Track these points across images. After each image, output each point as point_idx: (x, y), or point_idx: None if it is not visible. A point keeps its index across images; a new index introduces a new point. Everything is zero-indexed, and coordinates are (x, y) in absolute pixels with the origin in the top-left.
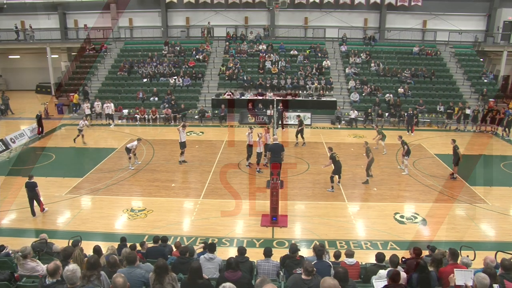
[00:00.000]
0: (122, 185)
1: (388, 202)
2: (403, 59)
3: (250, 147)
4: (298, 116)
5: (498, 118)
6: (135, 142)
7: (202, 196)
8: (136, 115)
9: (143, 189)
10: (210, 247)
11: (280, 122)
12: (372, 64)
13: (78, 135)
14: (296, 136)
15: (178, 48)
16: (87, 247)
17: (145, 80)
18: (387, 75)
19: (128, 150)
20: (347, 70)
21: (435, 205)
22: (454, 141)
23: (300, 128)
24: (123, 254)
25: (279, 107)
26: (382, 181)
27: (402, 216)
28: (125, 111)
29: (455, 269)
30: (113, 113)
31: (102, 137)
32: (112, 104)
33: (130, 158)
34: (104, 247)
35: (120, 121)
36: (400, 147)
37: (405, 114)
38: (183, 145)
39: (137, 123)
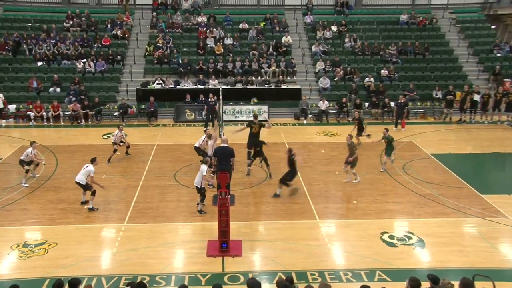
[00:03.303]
0: (9, 210)
1: (373, 218)
2: (387, 31)
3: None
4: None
5: None
6: (30, 149)
7: (127, 219)
8: (29, 112)
9: (42, 214)
10: None
11: (211, 117)
12: (347, 39)
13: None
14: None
15: (86, 20)
16: None
17: (40, 63)
18: (366, 53)
19: (23, 162)
20: (313, 48)
21: (435, 221)
22: (290, 150)
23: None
24: None
25: (209, 99)
26: (363, 191)
27: (391, 237)
28: (12, 107)
29: None
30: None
31: None
32: (1, 95)
33: (27, 171)
34: None
35: (4, 120)
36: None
37: (395, 104)
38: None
39: (31, 123)
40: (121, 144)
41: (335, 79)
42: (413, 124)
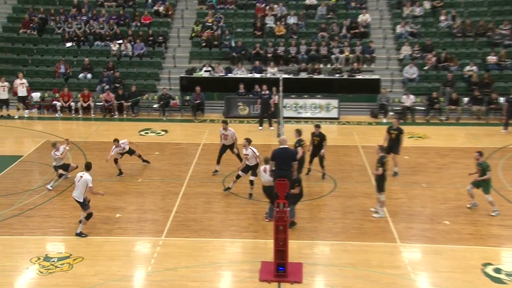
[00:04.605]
0: (30, 216)
1: (472, 245)
2: (499, 5)
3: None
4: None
5: None
6: (61, 149)
7: (165, 233)
8: (55, 102)
9: (67, 222)
10: None
11: (266, 114)
12: (442, 17)
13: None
14: (311, 162)
15: None
16: None
17: (69, 44)
18: (468, 35)
19: (57, 168)
20: (398, 29)
21: None
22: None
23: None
24: None
25: (262, 91)
26: (458, 209)
27: (497, 270)
28: (36, 95)
29: None
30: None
31: None
32: (25, 81)
33: (61, 175)
34: None
35: (27, 111)
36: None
37: (506, 100)
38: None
39: (57, 115)
40: (121, 156)
41: (425, 68)
42: None
